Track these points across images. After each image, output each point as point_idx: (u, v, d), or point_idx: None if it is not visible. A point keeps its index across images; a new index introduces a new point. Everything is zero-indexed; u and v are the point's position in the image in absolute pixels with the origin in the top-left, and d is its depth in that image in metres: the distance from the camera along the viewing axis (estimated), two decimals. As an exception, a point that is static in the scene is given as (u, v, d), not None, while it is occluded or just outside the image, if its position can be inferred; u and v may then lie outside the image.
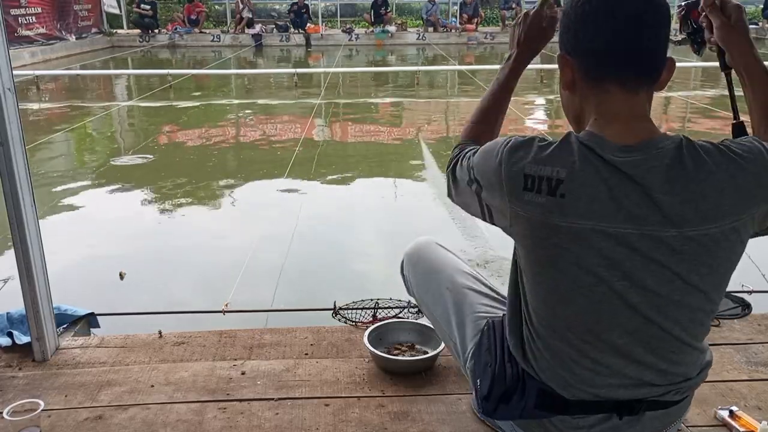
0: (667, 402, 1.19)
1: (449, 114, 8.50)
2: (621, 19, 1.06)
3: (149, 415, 1.68)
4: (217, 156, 6.08)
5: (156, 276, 3.46)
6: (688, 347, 1.15)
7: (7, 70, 1.76)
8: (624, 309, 1.08)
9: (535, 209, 1.06)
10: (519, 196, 1.07)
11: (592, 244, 1.04)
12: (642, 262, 1.05)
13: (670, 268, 1.05)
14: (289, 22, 16.94)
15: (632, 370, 1.13)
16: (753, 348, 1.99)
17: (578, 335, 1.12)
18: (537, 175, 1.05)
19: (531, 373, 1.20)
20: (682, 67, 12.12)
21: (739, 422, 1.58)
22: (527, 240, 1.11)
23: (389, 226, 4.06)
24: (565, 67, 1.12)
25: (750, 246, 1.12)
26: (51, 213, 4.38)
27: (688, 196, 1.02)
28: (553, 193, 1.04)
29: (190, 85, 10.31)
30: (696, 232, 1.03)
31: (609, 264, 1.05)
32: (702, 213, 1.02)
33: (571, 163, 1.04)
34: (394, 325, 2.03)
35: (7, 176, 1.78)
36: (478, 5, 17.15)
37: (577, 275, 1.07)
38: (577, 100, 1.14)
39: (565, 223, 1.04)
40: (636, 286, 1.06)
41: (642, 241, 1.03)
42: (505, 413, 1.24)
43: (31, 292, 1.89)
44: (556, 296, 1.12)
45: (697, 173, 1.02)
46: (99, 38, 16.23)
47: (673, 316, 1.10)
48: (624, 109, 1.08)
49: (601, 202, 1.03)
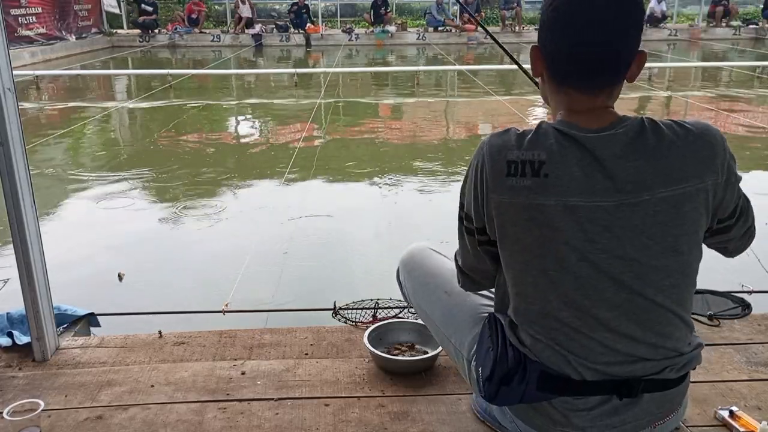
0: (665, 381, 1.22)
1: (449, 113, 8.50)
2: (580, 26, 1.10)
3: (149, 415, 1.68)
4: (217, 156, 6.08)
5: (156, 276, 3.46)
6: (675, 318, 1.18)
7: (7, 70, 1.76)
8: (608, 282, 1.13)
9: (521, 192, 1.12)
10: (503, 183, 1.13)
11: (576, 220, 1.11)
12: (620, 231, 1.11)
13: (645, 233, 1.11)
14: (289, 22, 16.94)
15: (624, 345, 1.17)
16: (753, 348, 1.99)
17: (570, 313, 1.16)
18: (519, 159, 1.12)
19: (531, 357, 1.22)
20: (682, 67, 12.14)
21: (739, 422, 1.58)
22: (513, 227, 1.16)
23: (389, 226, 4.06)
24: (536, 60, 1.20)
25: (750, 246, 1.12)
26: (51, 213, 4.38)
27: (655, 162, 1.10)
28: (537, 174, 1.11)
29: (190, 85, 10.31)
30: (666, 193, 1.10)
31: (590, 238, 1.11)
32: (669, 175, 1.11)
33: (549, 145, 1.12)
34: (394, 325, 2.03)
35: (7, 176, 1.78)
36: (479, 5, 17.15)
37: (564, 254, 1.13)
38: (546, 90, 1.23)
39: (551, 201, 1.11)
40: (616, 256, 1.12)
41: (618, 210, 1.10)
42: (507, 396, 1.25)
43: (31, 292, 1.89)
44: (545, 280, 1.16)
45: (660, 142, 1.11)
46: (99, 38, 16.23)
47: (655, 282, 1.14)
48: (586, 106, 1.16)
49: (578, 179, 1.10)
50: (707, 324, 2.12)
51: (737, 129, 6.72)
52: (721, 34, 16.73)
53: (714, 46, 15.52)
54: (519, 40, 16.14)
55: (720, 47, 15.38)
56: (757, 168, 5.46)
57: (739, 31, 16.77)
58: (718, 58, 13.91)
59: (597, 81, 1.14)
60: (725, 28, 16.99)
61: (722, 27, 17.04)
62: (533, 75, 1.24)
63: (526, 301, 1.21)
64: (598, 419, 1.21)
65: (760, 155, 5.84)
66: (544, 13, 1.16)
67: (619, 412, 1.21)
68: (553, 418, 1.24)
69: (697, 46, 16.06)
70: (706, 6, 17.79)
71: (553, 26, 1.14)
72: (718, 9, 16.98)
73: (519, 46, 15.47)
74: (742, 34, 16.69)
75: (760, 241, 1.19)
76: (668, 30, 17.02)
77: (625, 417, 1.22)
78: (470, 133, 7.08)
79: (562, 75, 1.16)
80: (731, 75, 10.95)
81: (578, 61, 1.13)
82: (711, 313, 2.16)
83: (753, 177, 5.21)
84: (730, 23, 16.99)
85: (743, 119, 7.19)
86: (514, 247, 1.18)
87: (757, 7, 17.80)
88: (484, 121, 7.76)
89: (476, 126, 7.52)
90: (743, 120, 7.14)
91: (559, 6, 1.12)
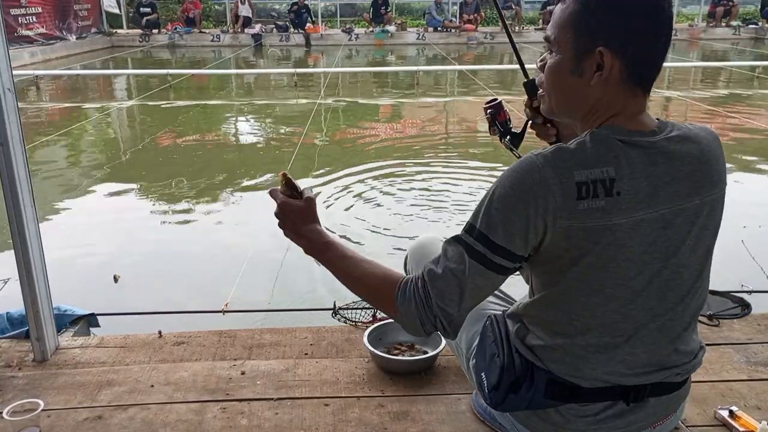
0: (671, 384, 1.22)
1: (449, 113, 8.50)
2: (662, 39, 1.09)
3: (149, 415, 1.68)
4: (216, 156, 6.08)
5: (156, 276, 3.46)
6: (693, 323, 1.21)
7: (7, 70, 1.76)
8: (659, 292, 1.11)
9: (594, 214, 1.03)
10: (573, 207, 1.03)
11: (642, 233, 1.06)
12: (675, 237, 1.09)
13: (692, 236, 1.11)
14: (289, 22, 16.94)
15: (646, 357, 1.16)
16: (753, 348, 1.99)
17: (606, 330, 1.13)
18: (590, 180, 1.03)
19: (538, 364, 1.20)
20: (682, 67, 12.14)
21: (738, 422, 1.58)
22: (578, 251, 1.06)
23: (389, 225, 4.05)
24: (612, 63, 1.07)
25: (750, 244, 1.13)
26: (50, 213, 4.38)
27: (701, 164, 1.11)
28: (610, 193, 1.03)
29: (190, 84, 10.31)
30: (710, 197, 1.12)
31: (651, 248, 1.08)
32: (711, 178, 1.12)
33: (613, 158, 1.05)
34: (394, 325, 2.02)
35: (7, 176, 1.78)
36: (478, 4, 17.14)
37: (626, 269, 1.08)
38: (596, 94, 1.11)
39: (623, 219, 1.04)
40: (668, 263, 1.10)
41: (676, 216, 1.09)
42: (514, 403, 1.23)
43: (31, 293, 1.88)
44: (599, 297, 1.10)
45: (700, 143, 1.13)
46: (99, 38, 16.23)
47: (694, 288, 1.15)
48: (641, 108, 1.14)
49: (646, 190, 1.06)
50: (707, 324, 2.12)
51: (737, 129, 6.72)
52: (721, 34, 16.73)
53: (714, 46, 15.52)
54: (519, 40, 16.13)
55: (720, 47, 15.38)
56: (757, 167, 5.46)
57: (738, 31, 16.77)
58: (717, 58, 13.92)
59: (652, 84, 1.13)
60: (725, 28, 16.98)
61: (722, 27, 17.03)
62: (588, 78, 1.10)
63: (563, 314, 1.14)
64: (602, 423, 1.20)
65: (760, 155, 5.84)
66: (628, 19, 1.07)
67: (624, 416, 1.20)
68: (557, 423, 1.23)
69: (696, 45, 16.06)
70: (706, 6, 17.79)
71: (641, 33, 1.07)
72: (719, 9, 16.98)
73: (519, 46, 15.45)
74: (741, 34, 16.69)
75: (761, 240, 1.19)
76: (668, 30, 17.00)
77: (629, 419, 1.21)
78: (470, 132, 7.08)
79: (638, 79, 1.10)
80: (731, 75, 10.95)
81: (655, 68, 1.11)
82: (711, 312, 2.16)
83: (752, 178, 5.21)
84: (730, 23, 16.98)
85: (743, 119, 7.19)
86: (575, 268, 1.09)
87: (756, 7, 17.80)
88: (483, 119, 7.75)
89: (476, 125, 7.52)
90: (743, 120, 7.14)
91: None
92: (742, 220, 3.71)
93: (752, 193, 4.76)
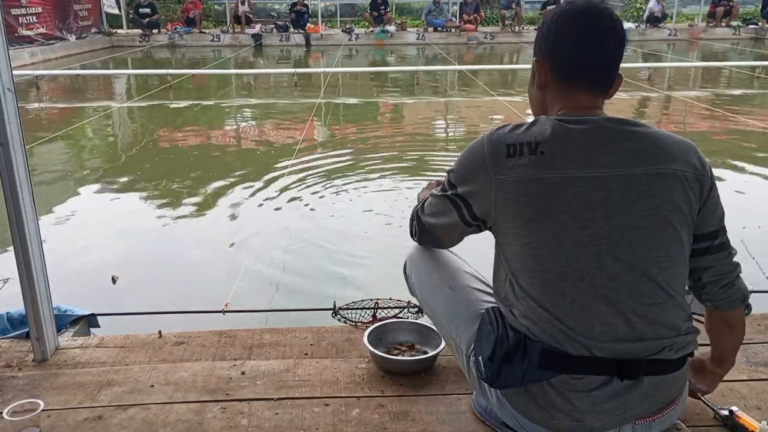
0: (664, 363, 1.25)
1: (449, 112, 8.51)
2: (583, 38, 1.28)
3: (149, 415, 1.68)
4: (216, 156, 6.09)
5: (156, 276, 3.46)
6: (668, 298, 1.25)
7: (7, 70, 1.76)
8: (608, 249, 1.21)
9: (520, 170, 1.22)
10: (503, 164, 1.24)
11: (574, 190, 1.20)
12: (619, 199, 1.21)
13: (640, 203, 1.21)
14: (289, 22, 16.94)
15: (622, 321, 1.23)
16: (753, 348, 1.99)
17: (570, 284, 1.22)
18: (518, 142, 1.24)
19: (531, 336, 1.26)
20: (682, 67, 12.14)
21: (739, 422, 1.58)
22: (513, 204, 1.24)
23: (389, 225, 4.06)
24: (541, 69, 1.34)
25: (750, 244, 1.13)
26: (50, 213, 4.38)
27: (646, 142, 1.25)
28: (534, 152, 1.22)
29: (190, 85, 10.31)
30: (656, 169, 1.23)
31: (589, 206, 1.20)
32: (658, 155, 1.24)
33: (545, 130, 1.24)
34: (394, 325, 2.03)
35: (7, 176, 1.78)
36: (478, 4, 17.15)
37: (564, 222, 1.21)
38: (546, 96, 1.35)
39: (548, 174, 1.21)
40: (614, 225, 1.21)
41: (616, 180, 1.21)
42: (509, 377, 1.28)
43: (31, 293, 1.88)
44: (545, 250, 1.23)
45: (649, 129, 1.28)
46: (99, 38, 16.24)
47: (649, 256, 1.22)
48: (584, 102, 1.30)
49: (576, 154, 1.22)
50: (707, 324, 2.12)
51: (737, 129, 6.72)
52: (721, 34, 16.73)
53: (714, 46, 15.52)
54: (519, 40, 16.15)
55: (720, 47, 15.38)
56: (757, 167, 5.46)
57: (738, 31, 16.77)
58: (717, 58, 13.92)
59: (596, 82, 1.31)
60: (725, 28, 16.99)
61: (722, 27, 17.04)
62: (536, 87, 1.36)
63: (527, 275, 1.25)
64: (598, 403, 1.24)
65: (759, 156, 5.85)
66: (549, 25, 1.32)
67: (619, 395, 1.24)
68: (554, 404, 1.26)
69: (696, 45, 16.06)
70: (706, 6, 17.79)
71: (558, 35, 1.31)
72: (719, 9, 16.98)
73: (519, 46, 15.47)
74: (741, 34, 16.70)
75: (761, 240, 1.19)
76: (668, 30, 17.03)
77: (625, 400, 1.24)
78: (470, 132, 7.08)
79: (569, 77, 1.31)
80: (731, 75, 10.96)
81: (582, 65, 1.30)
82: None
83: (752, 179, 5.22)
84: (730, 23, 16.99)
85: (743, 119, 7.19)
86: (516, 224, 1.25)
87: (756, 7, 17.80)
88: (484, 120, 7.76)
89: (475, 125, 7.52)
90: (743, 120, 7.14)
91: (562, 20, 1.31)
92: (742, 220, 3.73)
93: (752, 193, 4.76)
